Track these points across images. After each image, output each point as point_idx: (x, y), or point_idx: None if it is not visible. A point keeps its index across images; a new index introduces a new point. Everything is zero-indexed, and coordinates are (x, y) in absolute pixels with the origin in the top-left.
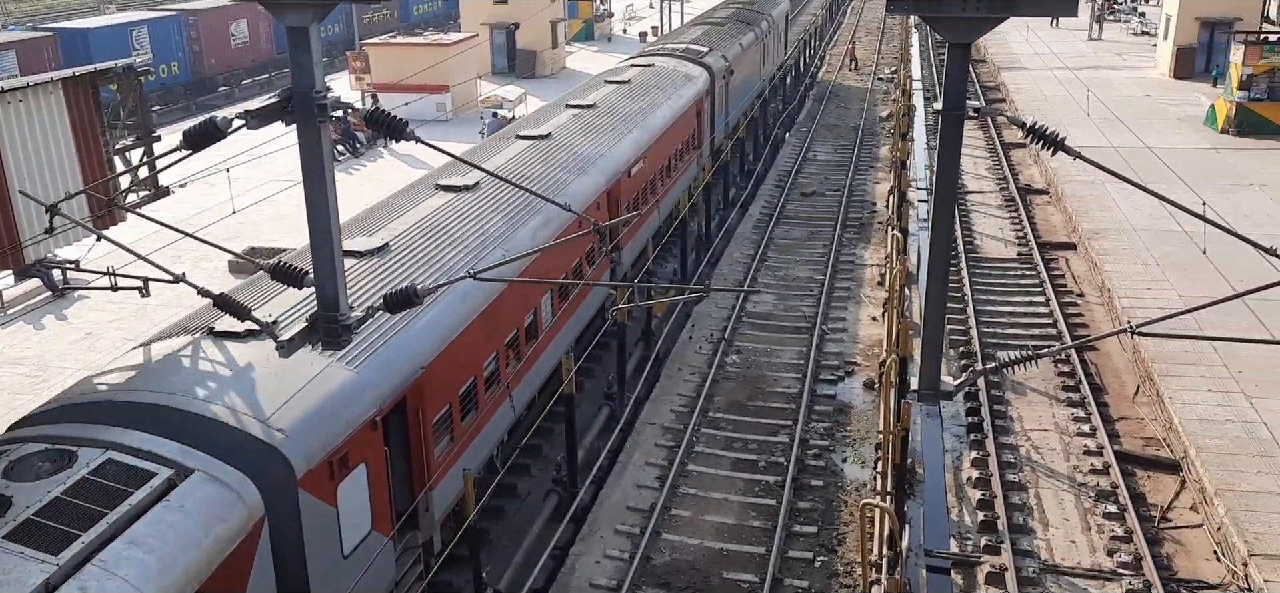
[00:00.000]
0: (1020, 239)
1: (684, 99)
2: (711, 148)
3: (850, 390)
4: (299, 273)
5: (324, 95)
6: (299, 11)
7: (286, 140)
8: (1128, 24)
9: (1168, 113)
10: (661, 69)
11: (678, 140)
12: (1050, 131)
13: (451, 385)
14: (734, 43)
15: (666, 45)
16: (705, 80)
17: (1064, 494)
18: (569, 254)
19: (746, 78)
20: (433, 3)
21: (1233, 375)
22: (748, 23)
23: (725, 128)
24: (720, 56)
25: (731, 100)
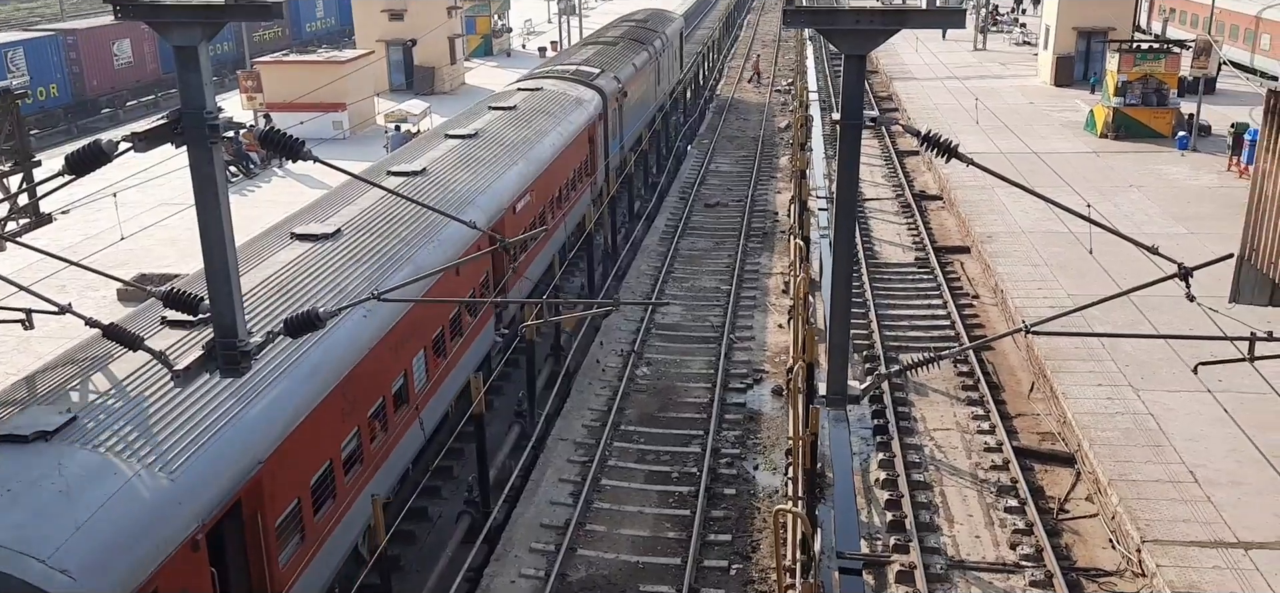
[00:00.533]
0: (917, 244)
1: (574, 125)
2: (606, 173)
3: (759, 398)
4: (193, 299)
5: (215, 116)
6: (186, 30)
7: (176, 163)
8: (1010, 35)
9: (1050, 119)
10: (550, 93)
11: (569, 169)
12: (944, 139)
13: (301, 476)
14: (627, 63)
15: (556, 67)
16: (597, 104)
17: (967, 491)
18: (442, 312)
19: (641, 98)
20: (326, 20)
21: (1120, 370)
22: (641, 42)
23: (620, 152)
24: (612, 78)
25: (626, 123)
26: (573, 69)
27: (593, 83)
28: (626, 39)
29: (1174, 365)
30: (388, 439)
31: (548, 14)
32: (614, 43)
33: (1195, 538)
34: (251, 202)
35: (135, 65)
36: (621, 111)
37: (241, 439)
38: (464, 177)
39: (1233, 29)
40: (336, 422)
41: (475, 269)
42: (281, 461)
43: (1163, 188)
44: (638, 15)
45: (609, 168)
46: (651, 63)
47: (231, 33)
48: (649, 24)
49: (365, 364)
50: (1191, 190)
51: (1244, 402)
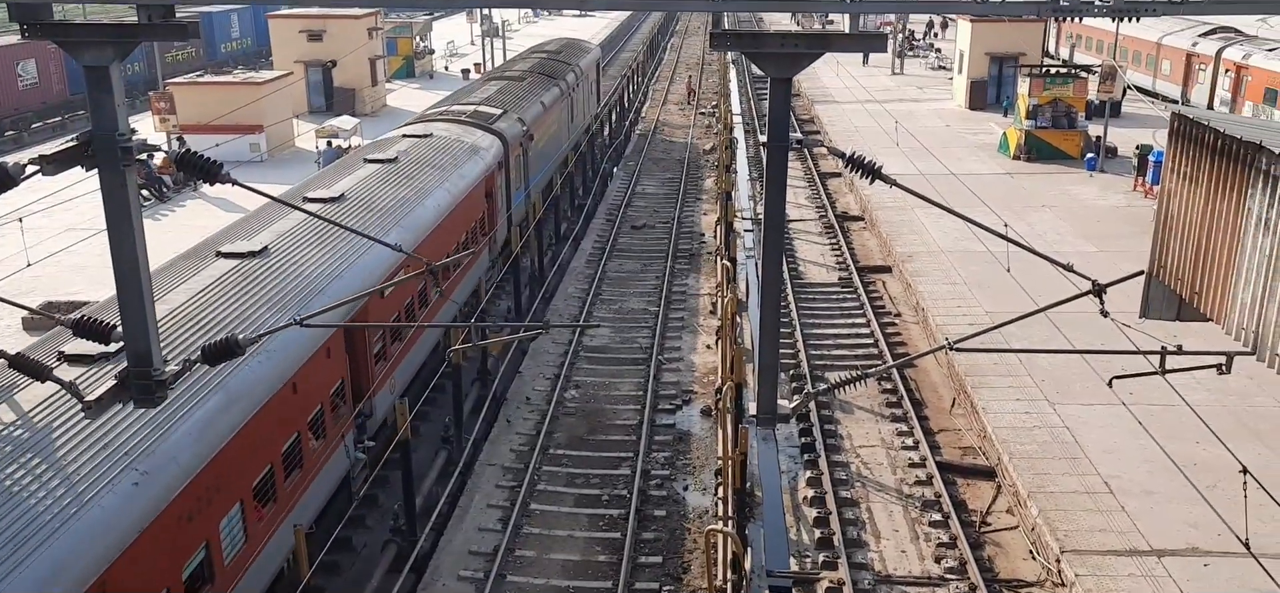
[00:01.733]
0: (840, 264)
1: (468, 178)
2: (509, 227)
3: (689, 419)
4: (105, 327)
5: (128, 138)
6: (98, 50)
7: (85, 187)
8: (926, 59)
9: (966, 141)
10: (441, 140)
11: (460, 230)
12: (868, 161)
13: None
14: (534, 102)
15: (452, 108)
16: (497, 150)
17: (893, 506)
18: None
19: (552, 139)
20: (242, 40)
21: (1037, 384)
22: (552, 77)
23: (526, 202)
24: (516, 120)
25: (532, 168)
26: (470, 110)
27: (492, 126)
28: (535, 74)
29: (1088, 379)
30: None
31: (471, 36)
32: (521, 78)
33: (1111, 548)
34: (165, 227)
35: (41, 86)
36: (527, 157)
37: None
38: (317, 255)
39: (1135, 55)
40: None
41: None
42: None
43: (1073, 207)
44: (550, 46)
45: (512, 221)
46: (563, 99)
47: (143, 53)
48: (561, 56)
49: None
50: (1100, 210)
51: (1155, 413)
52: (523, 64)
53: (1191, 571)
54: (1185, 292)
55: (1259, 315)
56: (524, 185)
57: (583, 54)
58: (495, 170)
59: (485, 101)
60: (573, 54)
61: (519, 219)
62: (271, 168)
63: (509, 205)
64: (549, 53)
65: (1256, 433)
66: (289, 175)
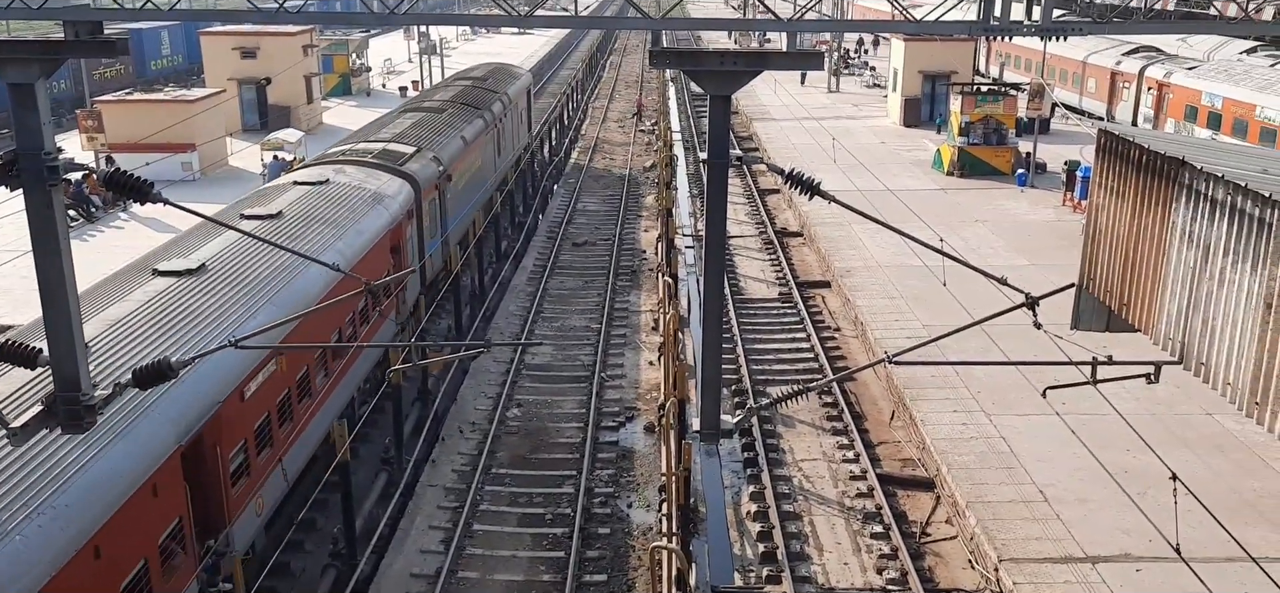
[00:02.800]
0: (780, 279)
1: (368, 233)
2: (422, 282)
3: (632, 435)
4: (31, 351)
5: (54, 157)
6: (22, 67)
7: (9, 206)
8: (861, 77)
9: (901, 158)
10: (339, 187)
11: (354, 300)
12: (807, 177)
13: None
14: (453, 137)
15: (359, 146)
16: (407, 197)
17: (835, 519)
18: None
19: (474, 177)
20: (173, 58)
21: (973, 396)
22: (476, 107)
23: (442, 251)
24: (431, 159)
25: (452, 211)
26: (379, 149)
27: (401, 168)
28: (457, 105)
29: (1023, 390)
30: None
31: (408, 54)
32: (440, 109)
33: (1047, 555)
34: (93, 247)
35: None
36: (444, 200)
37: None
38: (156, 345)
39: (1063, 73)
40: None
41: None
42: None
43: (1005, 222)
44: (475, 72)
45: (426, 272)
46: (489, 131)
47: (70, 70)
48: (488, 84)
49: None
50: (1031, 224)
51: (1087, 423)
52: (444, 93)
53: (1124, 576)
54: (1114, 303)
55: (1184, 325)
56: (440, 233)
57: (511, 80)
58: (404, 220)
59: (397, 138)
60: (500, 81)
61: (434, 273)
62: (204, 187)
63: (421, 255)
64: (474, 80)
65: (1184, 440)
66: (223, 194)
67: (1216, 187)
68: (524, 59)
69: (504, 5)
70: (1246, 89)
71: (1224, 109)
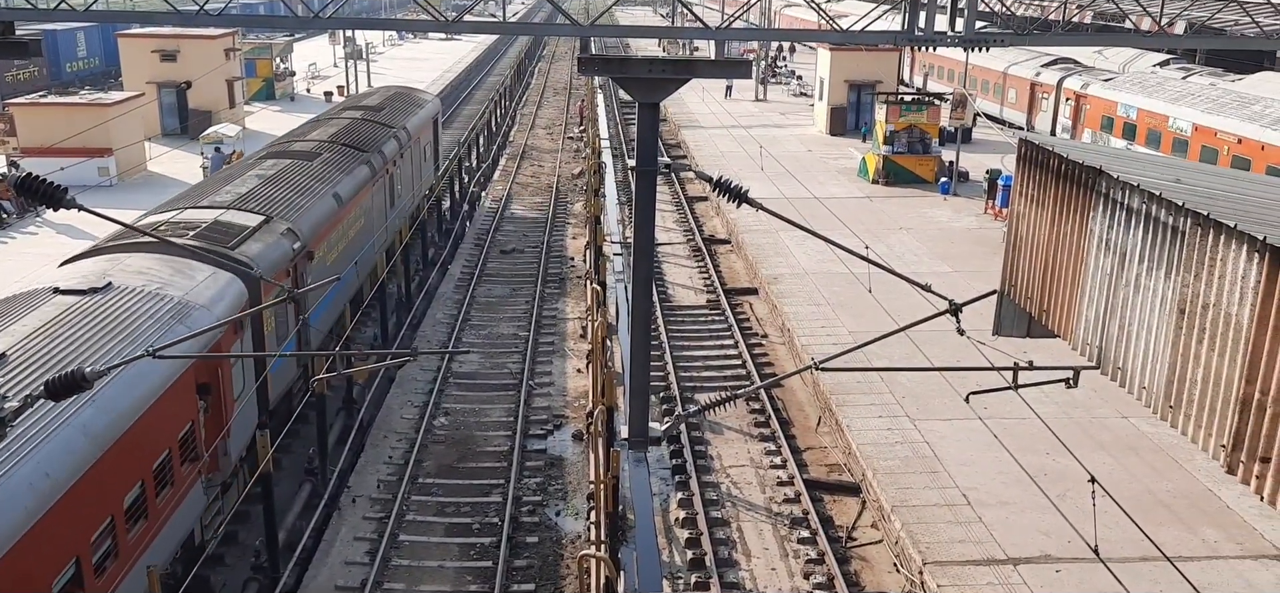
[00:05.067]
0: (708, 286)
1: (151, 381)
2: (252, 439)
3: (561, 443)
4: None
5: None
6: None
7: None
8: (788, 86)
9: (827, 165)
10: (118, 302)
11: (127, 480)
12: (735, 185)
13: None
14: (322, 196)
15: (180, 215)
16: (235, 297)
17: (763, 525)
18: None
19: (356, 240)
20: (89, 60)
21: (898, 401)
22: (360, 149)
23: (297, 349)
24: (283, 233)
25: (312, 300)
26: (206, 224)
27: (232, 253)
28: (336, 147)
29: (946, 395)
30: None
31: (334, 59)
32: (310, 156)
33: (971, 557)
34: (6, 253)
35: None
36: (301, 285)
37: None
38: None
39: (984, 84)
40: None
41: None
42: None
43: (929, 229)
44: (368, 100)
45: (267, 396)
46: (378, 180)
47: None
48: (382, 116)
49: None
50: (953, 232)
51: (1008, 427)
52: (321, 132)
53: (1044, 577)
54: (1034, 309)
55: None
56: (296, 332)
57: (414, 109)
58: (228, 334)
59: (239, 202)
60: (400, 111)
61: (280, 394)
62: (122, 192)
63: (260, 379)
64: (364, 112)
65: (1101, 444)
66: (141, 199)
67: (1132, 195)
68: (451, 66)
69: (431, 10)
70: (1160, 100)
71: (1139, 119)
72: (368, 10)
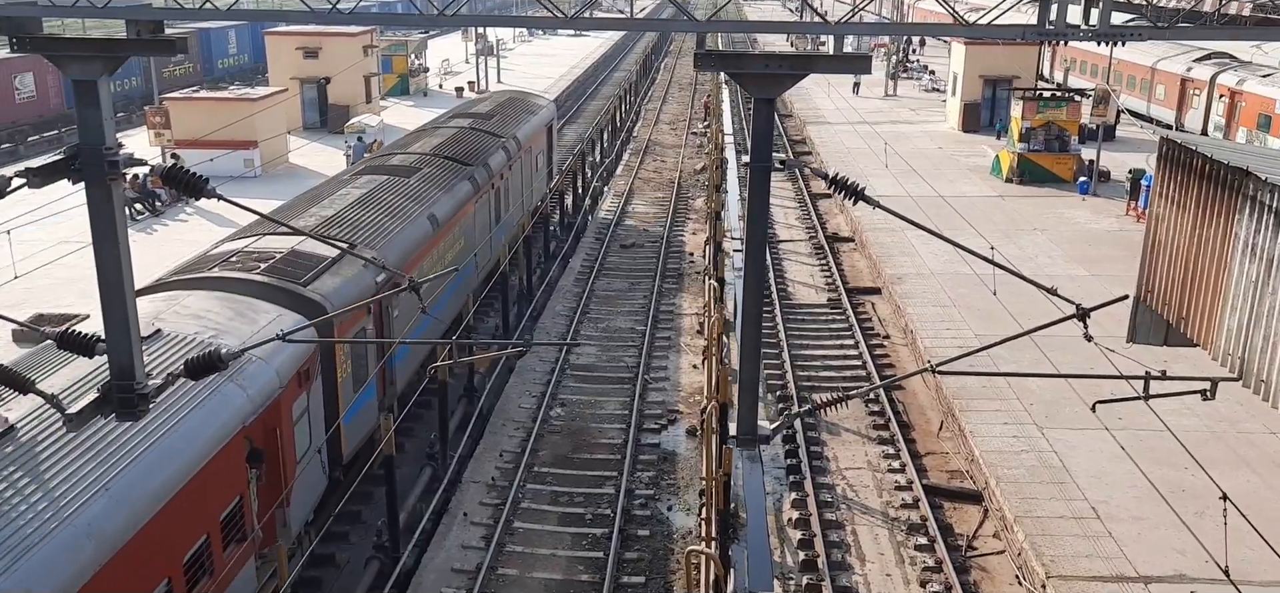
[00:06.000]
0: (829, 285)
1: (179, 463)
2: (334, 466)
3: (674, 439)
4: (89, 341)
5: (115, 152)
6: (86, 64)
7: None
8: (919, 81)
9: (958, 163)
10: (166, 351)
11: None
12: (851, 182)
13: None
14: (417, 217)
15: (252, 244)
16: (296, 353)
17: (879, 529)
18: None
19: (453, 261)
20: (239, 57)
21: (1025, 408)
22: (464, 163)
23: (382, 402)
24: (367, 263)
25: (404, 328)
26: (282, 254)
27: (304, 291)
28: (438, 161)
29: (1076, 404)
30: None
31: (466, 55)
32: (408, 171)
33: (1098, 573)
34: (157, 240)
35: (38, 100)
36: (386, 320)
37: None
38: None
39: (1130, 79)
40: None
41: None
42: None
43: (1065, 231)
44: (479, 106)
45: (340, 451)
46: (481, 195)
47: (140, 68)
48: (491, 124)
49: None
50: (1092, 233)
51: (1144, 439)
52: (423, 144)
53: None
54: (1172, 317)
55: (1245, 341)
56: (376, 373)
57: (526, 116)
58: (292, 386)
59: (323, 227)
60: (509, 119)
61: (357, 444)
62: (265, 183)
63: (329, 426)
64: (473, 120)
65: (1244, 460)
66: (282, 190)
67: None
68: (578, 61)
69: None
70: None
71: None
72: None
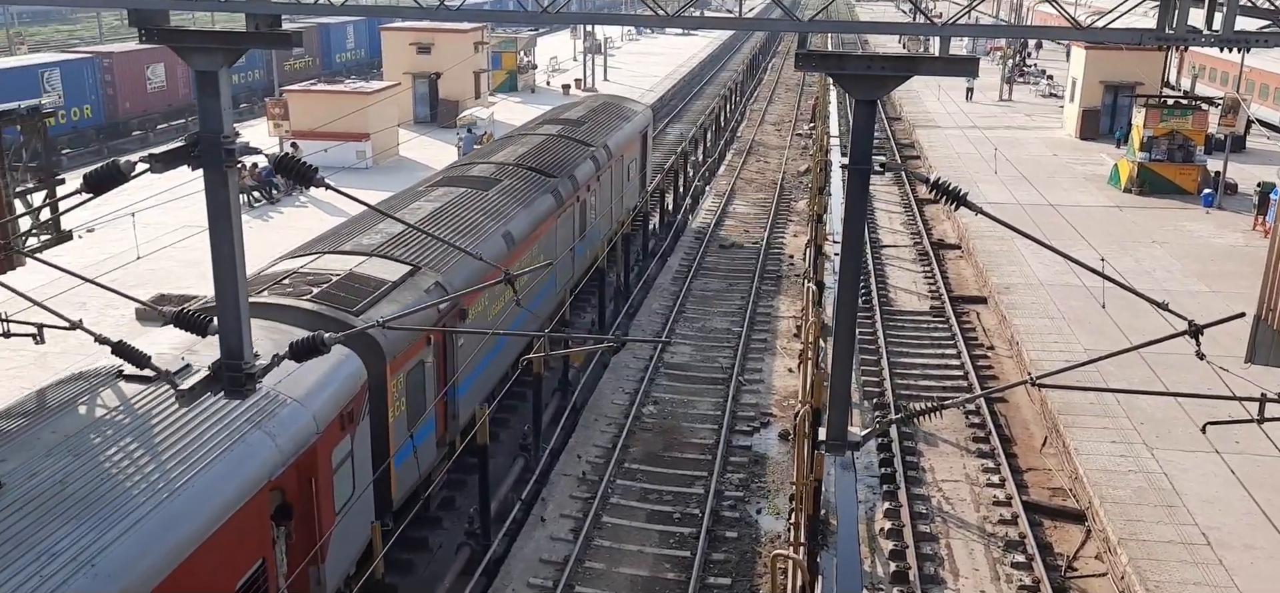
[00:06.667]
0: (933, 292)
1: (189, 528)
2: (385, 510)
3: (766, 441)
4: (203, 320)
5: (231, 140)
6: (208, 55)
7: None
8: (1036, 86)
9: (1073, 171)
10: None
11: None
12: (953, 187)
13: None
14: (491, 234)
15: (308, 262)
16: (346, 380)
17: (974, 544)
18: None
19: (527, 284)
20: (356, 51)
21: (1135, 427)
22: (547, 175)
23: (442, 434)
24: (430, 288)
25: (468, 360)
26: (339, 276)
27: (355, 320)
28: (519, 172)
29: (1188, 425)
30: None
31: (574, 52)
32: (486, 184)
33: None
34: (273, 227)
35: (168, 90)
36: (449, 353)
37: None
38: None
39: (1263, 88)
40: None
41: None
42: None
43: (1185, 244)
44: (570, 112)
45: (391, 494)
46: (565, 209)
47: (263, 61)
48: (581, 131)
49: None
50: (1215, 248)
51: (1259, 464)
52: (506, 153)
53: None
54: None
55: None
56: (432, 405)
57: (618, 123)
58: (327, 434)
59: (386, 247)
60: (600, 127)
61: (411, 487)
62: (375, 175)
63: (378, 466)
64: (562, 126)
65: None
66: (391, 182)
67: None
68: (685, 60)
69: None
70: None
71: None
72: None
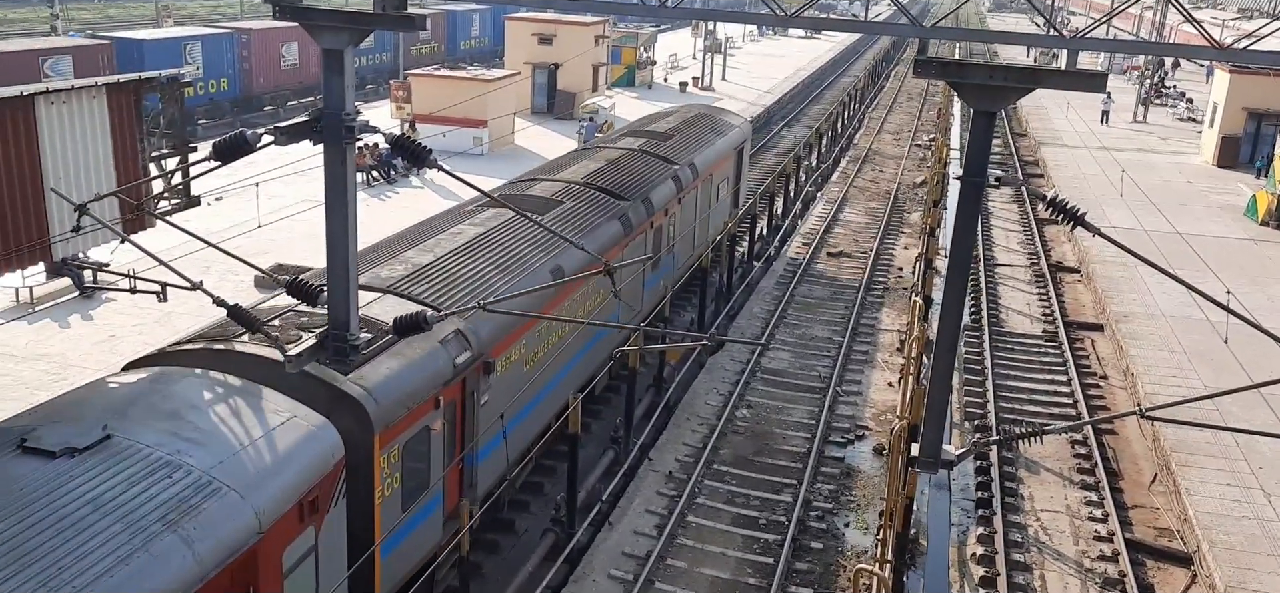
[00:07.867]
0: (1047, 316)
1: None
2: None
3: (859, 455)
4: (314, 290)
5: (352, 118)
6: (335, 34)
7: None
8: (1174, 109)
9: (1208, 200)
10: (104, 472)
11: None
12: (1070, 206)
13: None
14: (535, 269)
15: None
16: (314, 459)
17: (1070, 579)
18: None
19: (579, 327)
20: (480, 39)
21: (1253, 471)
22: (613, 198)
23: (465, 498)
24: (448, 338)
25: (498, 413)
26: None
27: (336, 382)
28: (581, 193)
29: None
30: None
31: (693, 50)
32: (542, 206)
33: None
34: (388, 206)
35: (300, 67)
36: (469, 410)
37: None
38: None
39: None
40: None
41: None
42: None
43: None
44: (658, 123)
45: None
46: (634, 238)
47: (391, 44)
48: (665, 147)
49: None
50: None
51: None
52: (574, 169)
53: None
54: None
55: None
56: (444, 473)
57: (710, 138)
58: (273, 531)
59: (406, 283)
60: (687, 142)
61: (405, 574)
62: (490, 161)
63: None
64: (644, 139)
65: None
66: (505, 169)
67: None
68: (806, 63)
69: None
70: None
71: None
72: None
